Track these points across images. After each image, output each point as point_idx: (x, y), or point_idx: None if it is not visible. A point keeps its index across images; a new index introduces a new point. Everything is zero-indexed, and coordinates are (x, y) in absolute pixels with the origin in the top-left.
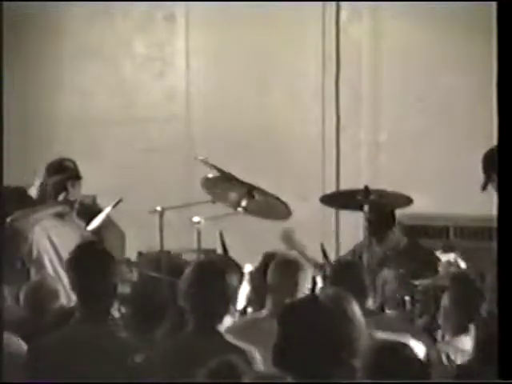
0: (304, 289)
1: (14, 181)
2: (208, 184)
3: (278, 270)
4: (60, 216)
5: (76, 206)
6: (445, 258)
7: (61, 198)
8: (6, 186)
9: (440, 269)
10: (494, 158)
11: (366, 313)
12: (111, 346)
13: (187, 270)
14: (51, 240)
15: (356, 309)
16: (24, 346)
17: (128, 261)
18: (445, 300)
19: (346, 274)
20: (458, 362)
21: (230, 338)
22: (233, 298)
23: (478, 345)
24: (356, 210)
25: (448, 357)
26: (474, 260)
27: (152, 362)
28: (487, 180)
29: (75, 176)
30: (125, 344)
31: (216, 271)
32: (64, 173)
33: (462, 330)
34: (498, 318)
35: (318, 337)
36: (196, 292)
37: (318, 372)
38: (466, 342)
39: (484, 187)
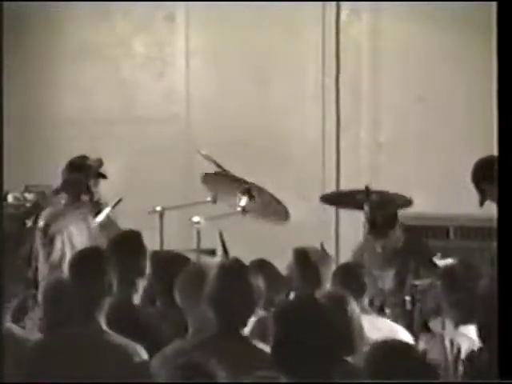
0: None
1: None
2: (208, 180)
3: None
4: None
5: (101, 206)
6: (443, 263)
7: (85, 198)
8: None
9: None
10: (484, 170)
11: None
12: (108, 348)
13: (212, 273)
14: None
15: (355, 308)
16: None
17: None
18: (439, 293)
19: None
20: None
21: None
22: (259, 301)
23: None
24: (356, 209)
25: (452, 343)
26: (474, 260)
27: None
28: (483, 195)
29: (98, 175)
30: (122, 346)
31: (242, 273)
32: (86, 171)
33: (464, 319)
34: (497, 317)
35: (315, 335)
36: (221, 295)
37: (315, 370)
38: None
39: (482, 203)
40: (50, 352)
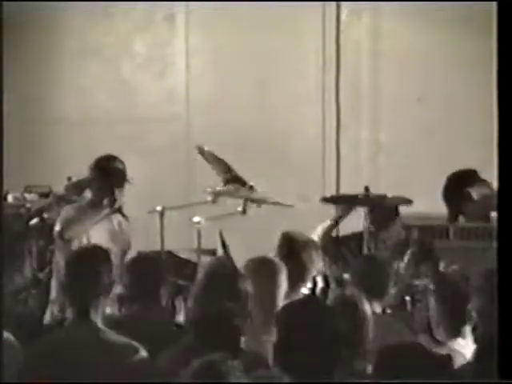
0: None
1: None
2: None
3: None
4: None
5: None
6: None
7: (106, 202)
8: None
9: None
10: (456, 188)
11: None
12: (105, 347)
13: (200, 274)
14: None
15: (366, 309)
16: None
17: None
18: (432, 303)
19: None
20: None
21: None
22: (246, 300)
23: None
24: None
25: None
26: (473, 260)
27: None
28: (454, 211)
29: (124, 180)
30: (119, 344)
31: (229, 273)
32: (113, 176)
33: (454, 332)
34: (497, 318)
35: (318, 337)
36: (208, 295)
37: (318, 372)
38: (465, 344)
39: (455, 218)
40: (45, 351)
